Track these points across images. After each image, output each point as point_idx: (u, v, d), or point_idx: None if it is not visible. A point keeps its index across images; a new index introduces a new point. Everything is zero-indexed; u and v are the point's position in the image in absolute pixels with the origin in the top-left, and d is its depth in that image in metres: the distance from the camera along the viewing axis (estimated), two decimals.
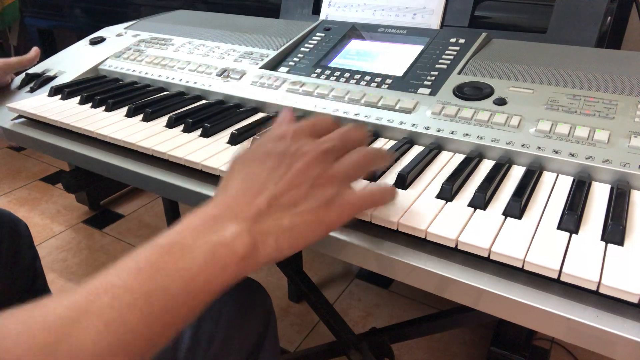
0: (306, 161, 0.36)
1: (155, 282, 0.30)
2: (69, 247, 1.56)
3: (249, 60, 0.76)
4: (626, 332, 0.33)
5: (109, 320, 0.28)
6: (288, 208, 0.35)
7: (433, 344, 1.17)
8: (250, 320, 0.59)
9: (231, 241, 0.33)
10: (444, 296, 0.40)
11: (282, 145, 0.38)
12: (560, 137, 0.51)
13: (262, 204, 0.35)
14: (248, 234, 0.33)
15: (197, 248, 0.32)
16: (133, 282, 0.30)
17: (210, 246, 0.32)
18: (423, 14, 0.77)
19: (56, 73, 0.85)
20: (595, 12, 0.68)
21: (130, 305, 0.29)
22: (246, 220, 0.34)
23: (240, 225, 0.34)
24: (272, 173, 0.36)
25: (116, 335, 0.28)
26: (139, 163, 0.59)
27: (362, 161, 0.39)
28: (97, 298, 0.29)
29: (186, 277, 0.31)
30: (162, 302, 0.30)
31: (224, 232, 0.33)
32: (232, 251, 0.33)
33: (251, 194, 0.35)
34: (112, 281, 0.30)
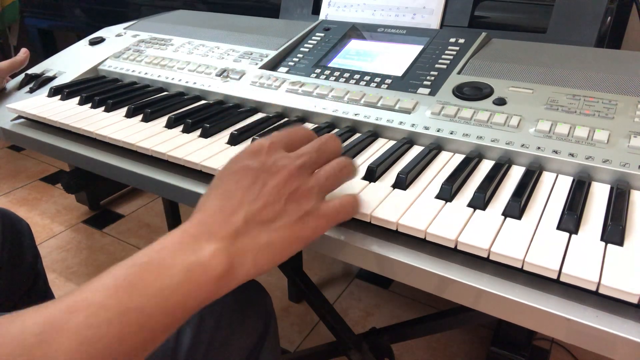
0: (281, 177, 0.37)
1: (131, 301, 0.30)
2: (69, 247, 1.56)
3: (249, 60, 0.76)
4: (626, 332, 0.33)
5: (83, 339, 0.28)
6: (265, 225, 0.36)
7: (433, 344, 1.17)
8: (250, 320, 0.59)
9: (208, 261, 0.33)
10: (444, 296, 0.40)
11: (257, 162, 0.38)
12: (559, 137, 0.51)
13: (239, 222, 0.35)
14: (225, 254, 0.34)
15: (174, 267, 0.32)
16: (109, 300, 0.30)
17: (186, 265, 0.33)
18: (423, 14, 0.77)
19: (56, 73, 0.85)
20: (595, 12, 0.68)
21: (105, 323, 0.29)
22: (224, 239, 0.34)
23: (217, 245, 0.34)
24: (247, 191, 0.36)
25: (88, 354, 0.28)
26: (138, 163, 0.59)
27: (337, 174, 0.40)
28: (72, 316, 0.29)
29: (163, 295, 0.31)
30: (138, 320, 0.30)
31: (201, 252, 0.33)
32: (208, 271, 0.33)
33: (228, 212, 0.36)
34: (89, 298, 0.30)
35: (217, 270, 0.33)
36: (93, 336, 0.29)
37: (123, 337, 0.30)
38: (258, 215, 0.36)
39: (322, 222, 0.38)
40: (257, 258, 0.35)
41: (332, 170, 0.40)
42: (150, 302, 0.31)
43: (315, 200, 0.38)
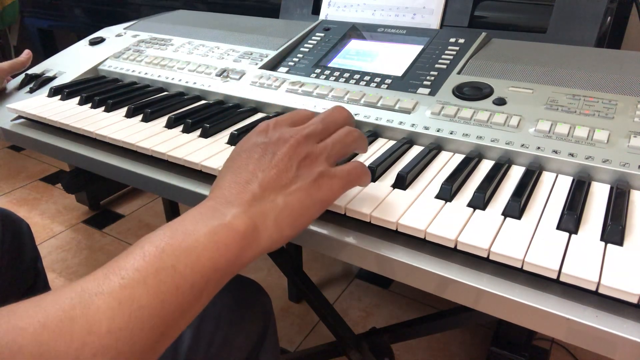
0: (289, 146, 0.38)
1: (162, 262, 0.31)
2: (69, 247, 1.56)
3: (249, 60, 0.76)
4: (626, 332, 0.33)
5: (122, 298, 0.29)
6: (280, 190, 0.36)
7: (433, 344, 1.17)
8: (250, 321, 0.59)
9: (230, 222, 0.34)
10: (444, 296, 0.40)
11: (264, 137, 0.39)
12: (559, 137, 0.51)
13: (255, 189, 0.36)
14: (246, 215, 0.35)
15: (198, 231, 0.33)
16: (141, 263, 0.31)
17: (210, 228, 0.33)
18: (423, 14, 0.77)
19: (56, 73, 0.85)
20: (595, 12, 0.68)
21: (140, 283, 0.30)
22: (242, 204, 0.35)
23: (237, 209, 0.35)
24: (259, 162, 0.38)
25: (129, 312, 0.29)
26: (138, 163, 0.59)
27: (343, 139, 0.41)
28: (107, 280, 0.30)
29: (192, 256, 0.32)
30: (171, 279, 0.31)
31: (223, 217, 0.34)
32: (232, 230, 0.33)
33: (243, 183, 0.37)
34: (120, 264, 0.31)
35: (241, 229, 0.34)
36: (130, 295, 0.29)
37: (161, 297, 0.30)
38: (272, 182, 0.36)
39: (335, 183, 0.38)
40: (278, 220, 0.36)
41: (338, 136, 0.41)
42: (181, 261, 0.31)
43: (326, 164, 0.39)
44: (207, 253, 0.32)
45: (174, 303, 0.30)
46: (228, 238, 0.33)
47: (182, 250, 0.32)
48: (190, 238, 0.32)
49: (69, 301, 0.28)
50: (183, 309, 0.31)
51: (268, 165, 0.37)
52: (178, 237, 0.32)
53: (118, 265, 0.31)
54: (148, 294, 0.29)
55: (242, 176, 0.37)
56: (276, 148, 0.38)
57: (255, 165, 0.37)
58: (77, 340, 0.27)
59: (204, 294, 0.32)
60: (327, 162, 0.39)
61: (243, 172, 0.37)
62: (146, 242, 0.32)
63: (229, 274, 0.34)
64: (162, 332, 0.30)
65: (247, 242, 0.34)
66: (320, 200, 0.38)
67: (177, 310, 0.31)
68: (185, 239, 0.32)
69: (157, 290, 0.30)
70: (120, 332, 0.28)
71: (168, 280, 0.30)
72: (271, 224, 0.35)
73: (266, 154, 0.38)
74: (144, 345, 0.29)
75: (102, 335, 0.28)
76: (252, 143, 0.39)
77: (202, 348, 0.52)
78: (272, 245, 0.36)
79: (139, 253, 0.31)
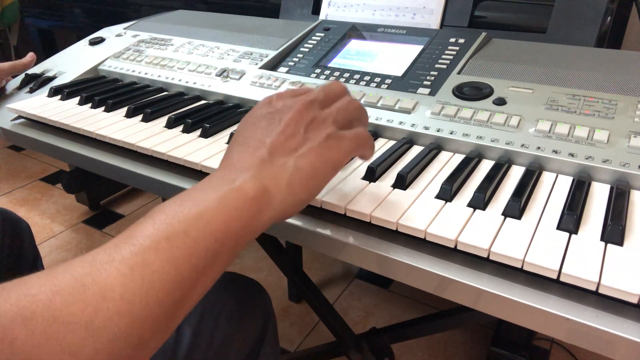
0: (295, 110, 0.38)
1: (173, 227, 0.30)
2: (69, 247, 1.56)
3: (249, 60, 0.76)
4: (626, 332, 0.33)
5: (133, 264, 0.28)
6: (290, 153, 0.36)
7: (433, 344, 1.17)
8: (250, 320, 0.59)
9: (240, 186, 0.34)
10: (444, 296, 0.40)
11: (269, 107, 0.39)
12: (559, 137, 0.51)
13: (264, 154, 0.36)
14: (256, 179, 0.34)
15: (208, 197, 0.33)
16: (151, 230, 0.30)
17: (221, 193, 0.33)
18: (423, 14, 0.77)
19: (56, 73, 0.85)
20: (595, 12, 0.68)
21: (152, 249, 0.29)
22: (251, 169, 0.35)
23: (246, 174, 0.35)
24: (266, 129, 0.38)
25: (142, 277, 0.28)
26: (138, 163, 0.59)
27: (347, 106, 0.41)
28: (118, 248, 0.29)
29: (203, 220, 0.31)
30: (184, 244, 0.30)
31: (232, 183, 0.34)
32: (242, 193, 0.33)
33: (251, 150, 0.37)
34: (130, 234, 0.30)
35: (251, 192, 0.34)
36: (142, 261, 0.29)
37: (174, 262, 0.29)
38: (281, 146, 0.36)
39: (344, 144, 0.38)
40: (291, 183, 0.35)
41: (341, 104, 0.41)
42: (193, 226, 0.31)
43: (333, 127, 0.39)
44: (218, 217, 0.32)
45: (187, 268, 0.30)
46: (239, 201, 0.33)
47: (192, 216, 0.31)
48: (200, 204, 0.32)
49: (80, 269, 0.28)
50: (198, 274, 0.31)
51: (275, 130, 0.37)
52: (187, 204, 0.32)
53: (129, 235, 0.30)
54: (160, 259, 0.29)
55: (250, 144, 0.37)
56: (282, 115, 0.38)
57: (262, 132, 0.37)
58: (91, 305, 0.27)
59: (219, 259, 0.32)
60: (333, 125, 0.39)
61: (250, 141, 0.37)
62: (156, 211, 0.32)
63: (243, 238, 0.33)
64: (178, 298, 0.30)
65: (258, 205, 0.34)
66: (331, 161, 0.38)
67: (191, 275, 0.30)
68: (196, 205, 0.32)
69: (169, 255, 0.29)
70: (134, 297, 0.28)
71: (180, 245, 0.30)
72: (284, 187, 0.35)
73: (273, 122, 0.38)
74: (160, 311, 0.29)
75: (116, 300, 0.27)
76: (257, 115, 0.39)
77: (202, 347, 0.52)
78: (288, 209, 0.36)
79: (149, 222, 0.31)
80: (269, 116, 0.38)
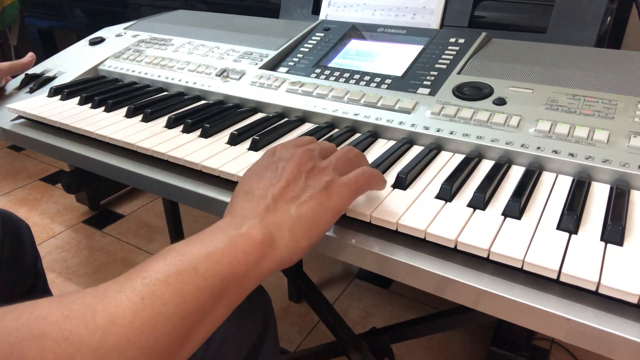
0: (296, 160, 0.41)
1: (183, 264, 0.32)
2: (69, 247, 1.56)
3: (249, 60, 0.76)
4: (626, 332, 0.33)
5: (144, 294, 0.29)
6: (292, 201, 0.38)
7: (433, 344, 1.17)
8: (250, 320, 0.59)
9: (247, 231, 0.35)
10: (444, 296, 0.40)
11: (272, 157, 0.42)
12: (559, 137, 0.51)
13: (268, 201, 0.38)
14: (261, 225, 0.36)
15: (217, 240, 0.34)
16: (162, 265, 0.32)
17: (229, 237, 0.34)
18: (423, 14, 0.77)
19: (56, 73, 0.85)
20: (595, 12, 0.68)
21: (162, 281, 0.30)
22: (257, 216, 0.37)
23: (252, 221, 0.36)
24: (270, 179, 0.40)
25: (152, 308, 0.29)
26: (138, 163, 0.59)
27: (346, 154, 0.43)
28: (129, 281, 0.30)
29: (211, 260, 0.33)
30: (192, 280, 0.31)
31: (239, 228, 0.35)
32: (249, 238, 0.35)
33: (256, 199, 0.38)
34: (141, 268, 0.32)
35: (257, 238, 0.35)
36: (153, 293, 0.30)
37: (183, 296, 0.30)
38: (283, 193, 0.38)
39: (345, 190, 0.40)
40: (293, 230, 0.37)
41: (340, 153, 0.43)
42: (201, 264, 0.32)
43: (333, 174, 0.40)
44: (225, 258, 0.33)
45: (195, 303, 0.31)
46: (245, 246, 0.34)
47: (202, 255, 0.33)
48: (209, 245, 0.34)
49: (91, 297, 0.29)
50: (205, 311, 0.32)
51: (278, 179, 0.39)
52: (197, 245, 0.34)
53: (140, 269, 0.32)
54: (170, 293, 0.30)
55: (255, 193, 0.39)
56: (284, 164, 0.40)
57: (266, 181, 0.39)
58: (101, 329, 0.27)
59: (224, 299, 0.33)
60: (333, 173, 0.41)
61: (255, 189, 0.39)
62: (167, 250, 0.33)
63: (248, 282, 0.34)
64: (184, 332, 0.31)
65: (264, 250, 0.35)
66: (332, 209, 0.39)
67: (198, 310, 0.31)
68: (205, 246, 0.34)
69: (179, 289, 0.30)
70: (143, 325, 0.28)
71: (189, 280, 0.31)
72: (287, 234, 0.36)
73: (276, 170, 0.40)
74: (167, 342, 0.30)
75: (126, 327, 0.28)
76: (262, 164, 0.42)
77: (201, 347, 0.52)
78: (290, 257, 0.37)
79: (160, 259, 0.32)
80: (272, 166, 0.41)
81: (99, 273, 1.43)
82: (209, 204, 0.53)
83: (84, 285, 1.38)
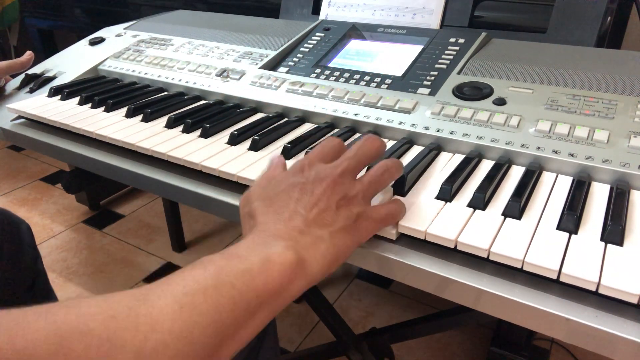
0: (326, 185, 0.39)
1: (221, 278, 0.33)
2: (69, 247, 1.56)
3: (249, 60, 0.76)
4: (626, 332, 0.33)
5: (183, 304, 0.31)
6: (324, 227, 0.38)
7: (433, 344, 1.17)
8: None
9: (280, 252, 0.36)
10: (444, 296, 0.40)
11: (301, 177, 0.41)
12: (559, 137, 0.51)
13: (300, 224, 0.38)
14: (294, 248, 0.36)
15: (251, 257, 0.35)
16: (202, 276, 0.33)
17: (262, 256, 0.35)
18: (423, 14, 0.77)
19: (56, 73, 0.85)
20: (595, 12, 0.68)
21: (200, 292, 0.31)
22: (290, 238, 0.37)
23: (285, 242, 0.36)
24: (299, 201, 0.39)
25: (190, 317, 0.30)
26: (138, 163, 0.59)
27: (379, 178, 0.42)
28: (170, 287, 0.32)
29: (248, 276, 0.33)
30: (230, 294, 0.32)
31: (272, 247, 0.36)
32: (282, 259, 0.35)
33: (286, 219, 0.38)
34: (182, 276, 0.33)
35: (293, 259, 0.35)
36: (191, 303, 0.31)
37: (219, 308, 0.32)
38: (315, 219, 0.38)
39: (372, 225, 0.40)
40: (325, 256, 0.37)
41: (375, 175, 0.42)
42: (239, 280, 0.33)
43: (364, 205, 0.40)
44: (260, 276, 0.34)
45: (230, 317, 0.32)
46: (280, 265, 0.35)
47: (238, 271, 0.34)
48: (246, 262, 0.34)
49: (135, 301, 0.30)
50: (239, 324, 0.33)
51: (308, 202, 0.39)
52: (234, 260, 0.34)
53: (181, 276, 0.33)
54: (207, 304, 0.31)
55: (285, 215, 0.39)
56: (313, 187, 0.40)
57: (295, 203, 0.39)
58: (142, 333, 0.29)
59: (257, 315, 0.34)
60: (364, 202, 0.40)
61: (285, 211, 0.39)
62: (206, 261, 0.34)
63: (281, 300, 0.35)
64: (218, 343, 0.32)
65: (295, 273, 0.35)
66: (358, 240, 0.40)
67: (233, 324, 0.32)
68: (242, 262, 0.34)
69: (216, 302, 0.32)
70: (181, 333, 0.30)
71: (226, 294, 0.32)
72: (320, 259, 0.37)
73: (305, 193, 0.39)
74: (201, 351, 0.31)
75: (165, 333, 0.29)
76: (290, 183, 0.41)
77: None
78: (314, 280, 0.37)
79: (200, 268, 0.33)
80: (301, 187, 0.40)
81: (99, 273, 1.43)
82: (209, 204, 0.53)
83: (84, 285, 1.38)
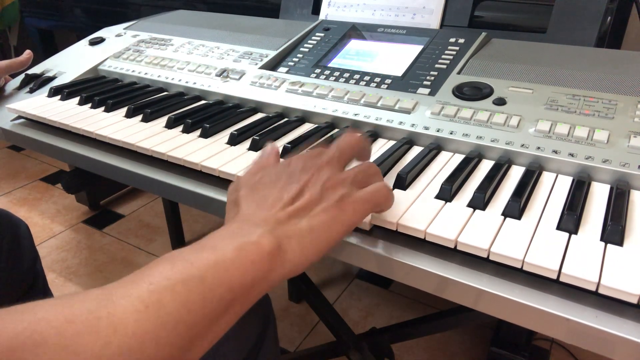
0: (313, 171, 0.39)
1: (191, 272, 0.31)
2: (69, 247, 1.56)
3: (249, 60, 0.76)
4: (626, 332, 0.33)
5: (149, 302, 0.29)
6: (304, 212, 0.37)
7: (433, 344, 1.17)
8: (250, 320, 0.59)
9: (257, 240, 0.34)
10: (443, 296, 0.40)
11: (288, 168, 0.40)
12: (559, 137, 0.51)
13: (280, 213, 0.37)
14: (272, 235, 0.35)
15: (226, 247, 0.33)
16: (169, 272, 0.31)
17: (238, 245, 0.34)
18: (423, 14, 0.77)
19: (56, 73, 0.85)
20: (595, 12, 0.68)
21: (168, 290, 0.30)
22: (268, 225, 0.36)
23: (263, 229, 0.35)
24: (284, 189, 0.38)
25: (156, 317, 0.28)
26: (138, 163, 0.59)
27: (365, 170, 0.41)
28: (135, 285, 0.30)
29: (220, 268, 0.32)
30: (199, 289, 0.30)
31: (249, 235, 0.35)
32: (259, 248, 0.34)
33: (268, 207, 0.37)
34: (148, 272, 0.31)
35: (267, 247, 0.34)
36: (158, 301, 0.29)
37: (188, 306, 0.30)
38: (297, 205, 0.37)
39: (359, 206, 0.38)
40: (302, 243, 0.36)
41: (361, 167, 0.41)
42: (209, 273, 0.31)
43: (350, 188, 0.39)
44: (234, 267, 0.32)
45: (200, 313, 0.30)
46: (255, 255, 0.33)
47: (210, 263, 0.32)
48: (218, 253, 0.33)
49: (96, 302, 0.28)
50: (210, 321, 0.31)
51: (292, 190, 0.38)
52: (205, 252, 0.33)
53: (146, 273, 0.31)
54: (175, 301, 0.29)
55: (268, 202, 0.38)
56: (300, 175, 0.39)
57: (279, 191, 0.38)
58: (103, 338, 0.27)
59: (231, 310, 0.32)
60: (350, 186, 0.39)
61: (269, 198, 0.38)
62: (174, 255, 0.33)
63: (255, 292, 0.34)
64: (188, 342, 0.30)
65: (272, 261, 0.34)
66: (344, 223, 0.37)
67: (204, 320, 0.31)
68: (213, 253, 0.33)
69: (184, 298, 0.30)
70: (145, 335, 0.28)
71: (196, 289, 0.30)
72: (296, 246, 0.35)
73: (291, 181, 0.39)
74: (169, 352, 0.29)
75: (128, 336, 0.27)
76: (275, 173, 0.40)
77: None
78: (296, 269, 0.36)
79: (167, 264, 0.32)
80: (286, 175, 0.39)
81: (99, 273, 1.43)
82: (209, 204, 0.53)
83: (84, 285, 1.38)
